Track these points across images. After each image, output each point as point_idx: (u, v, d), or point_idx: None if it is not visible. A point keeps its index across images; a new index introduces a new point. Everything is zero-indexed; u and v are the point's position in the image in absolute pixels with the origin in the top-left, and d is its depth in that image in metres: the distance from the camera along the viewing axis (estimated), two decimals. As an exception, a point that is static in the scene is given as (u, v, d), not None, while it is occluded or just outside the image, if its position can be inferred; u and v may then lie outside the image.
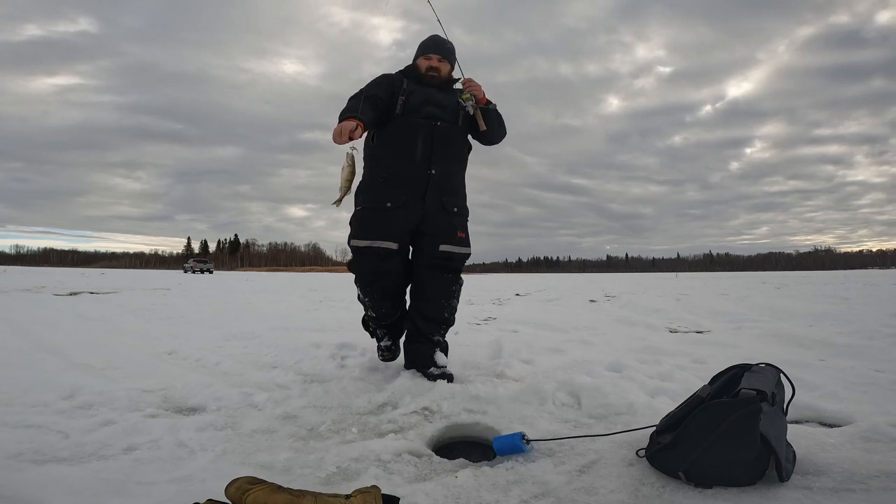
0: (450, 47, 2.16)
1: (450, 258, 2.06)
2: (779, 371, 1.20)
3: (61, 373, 2.05)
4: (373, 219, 1.97)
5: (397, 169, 1.98)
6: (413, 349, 2.08)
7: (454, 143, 2.07)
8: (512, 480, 1.08)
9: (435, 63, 2.11)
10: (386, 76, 2.10)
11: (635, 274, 74.83)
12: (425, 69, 2.10)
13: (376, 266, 1.98)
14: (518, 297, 8.53)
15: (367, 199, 2.00)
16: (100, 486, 1.01)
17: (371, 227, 1.97)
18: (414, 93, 2.04)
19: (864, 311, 4.92)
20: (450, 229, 2.04)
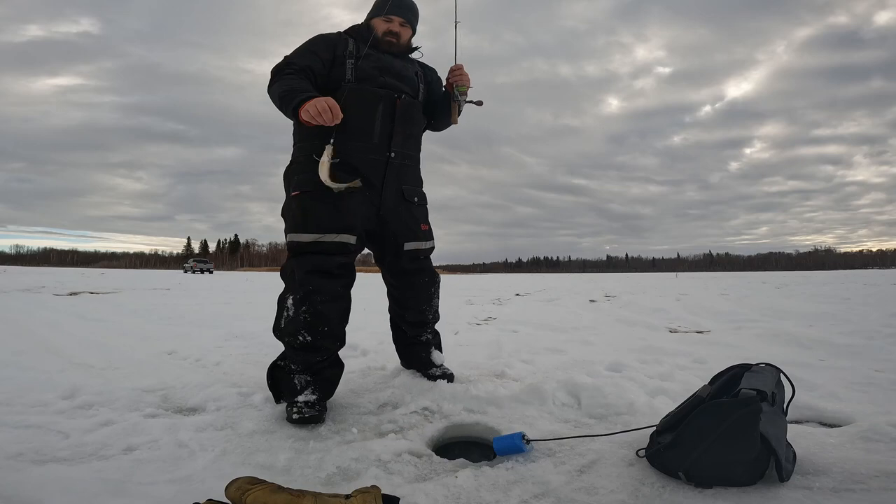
0: (415, 11, 1.85)
1: (416, 257, 1.81)
2: (779, 371, 1.20)
3: (61, 373, 2.05)
4: (320, 205, 1.59)
5: (349, 150, 1.61)
6: (407, 353, 1.95)
7: (417, 122, 1.79)
8: (512, 480, 1.08)
9: (396, 27, 1.77)
10: (322, 37, 1.73)
11: (635, 274, 74.87)
12: (383, 32, 1.76)
13: (328, 263, 1.58)
14: (518, 297, 8.53)
15: (308, 180, 1.59)
16: (99, 487, 1.01)
17: (319, 216, 1.58)
18: (368, 57, 1.69)
19: (864, 311, 4.92)
20: (413, 223, 1.78)
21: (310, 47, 1.69)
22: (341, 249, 1.60)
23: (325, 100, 1.46)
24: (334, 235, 1.58)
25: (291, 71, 1.61)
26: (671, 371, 2.18)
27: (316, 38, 1.72)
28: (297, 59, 1.65)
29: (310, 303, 1.55)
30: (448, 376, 1.83)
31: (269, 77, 1.63)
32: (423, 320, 1.90)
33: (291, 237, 1.61)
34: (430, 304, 1.89)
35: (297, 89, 1.53)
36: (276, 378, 1.63)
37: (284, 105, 1.54)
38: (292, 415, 1.44)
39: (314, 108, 1.45)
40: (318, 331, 1.55)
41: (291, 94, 1.52)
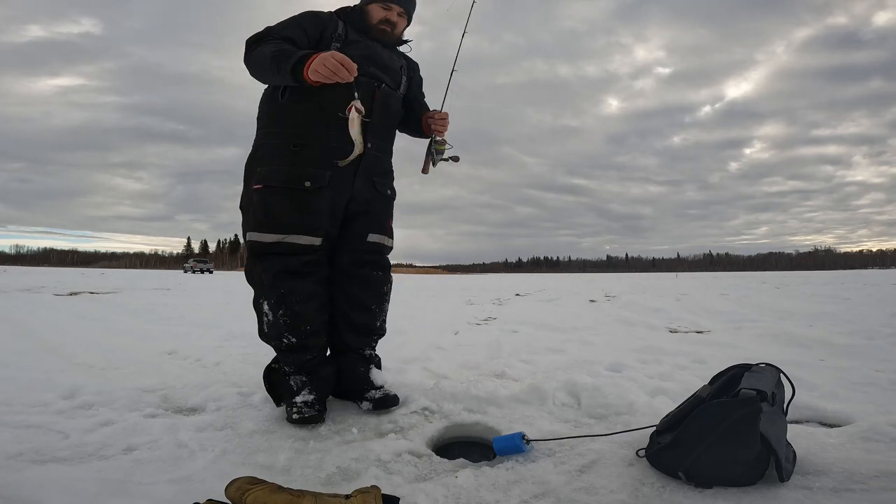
0: (415, 1, 1.76)
1: (379, 251, 1.68)
2: (779, 371, 1.20)
3: (61, 373, 2.05)
4: (285, 202, 1.48)
5: (320, 137, 1.51)
6: (341, 368, 1.66)
7: (394, 114, 1.70)
8: (512, 480, 1.08)
9: (394, 17, 1.67)
10: (313, 13, 1.62)
11: (635, 274, 74.88)
12: (378, 20, 1.66)
13: (295, 263, 1.50)
14: (518, 297, 8.53)
15: (273, 174, 1.50)
16: (99, 487, 1.01)
17: (283, 215, 1.49)
18: (355, 43, 1.60)
19: (864, 311, 4.92)
20: (382, 216, 1.68)
21: (298, 20, 1.57)
22: (305, 251, 1.51)
23: (332, 54, 1.34)
24: (297, 237, 1.49)
25: (272, 39, 1.48)
26: (671, 371, 2.18)
27: (306, 13, 1.60)
28: (281, 29, 1.52)
29: (285, 305, 1.49)
30: (390, 399, 1.56)
31: (246, 46, 1.50)
32: (371, 325, 1.69)
33: (252, 237, 1.52)
34: (380, 306, 1.71)
35: (289, 49, 1.42)
36: (272, 381, 1.61)
37: (278, 65, 1.38)
38: (292, 415, 1.42)
39: (324, 67, 1.32)
40: (301, 331, 1.51)
41: (285, 53, 1.39)
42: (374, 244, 1.66)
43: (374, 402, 1.54)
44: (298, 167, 1.49)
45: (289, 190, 1.48)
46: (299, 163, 1.50)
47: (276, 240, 1.49)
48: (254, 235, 1.52)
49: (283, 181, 1.48)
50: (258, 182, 1.51)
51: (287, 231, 1.48)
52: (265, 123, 1.59)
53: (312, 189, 1.48)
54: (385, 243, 1.70)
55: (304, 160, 1.50)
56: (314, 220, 1.50)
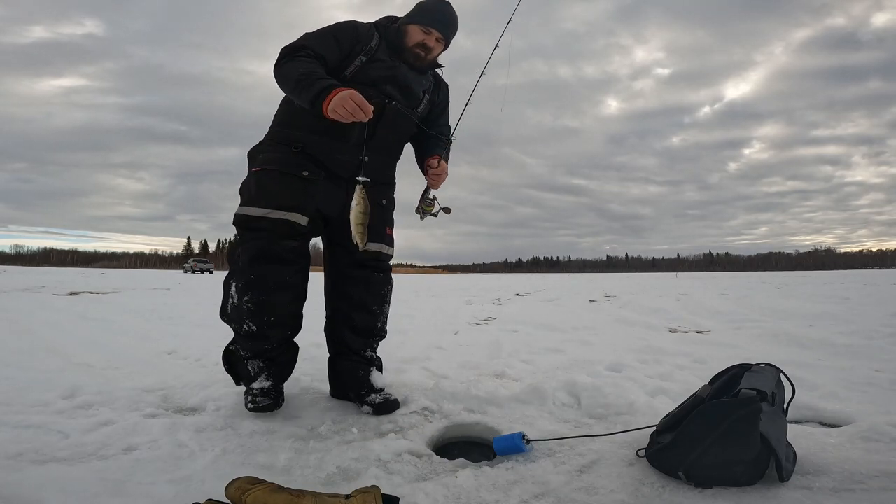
0: (456, 27, 1.71)
1: (377, 258, 1.68)
2: (779, 371, 1.20)
3: (61, 373, 2.05)
4: (279, 182, 1.50)
5: (321, 146, 1.55)
6: (342, 369, 1.67)
7: (401, 133, 1.69)
8: (512, 480, 1.08)
9: (432, 42, 1.64)
10: (352, 26, 1.60)
11: (635, 274, 74.90)
12: (414, 43, 1.62)
13: (277, 248, 1.48)
14: (518, 297, 8.53)
15: (273, 160, 1.54)
16: (99, 487, 1.01)
17: (275, 192, 1.49)
18: (382, 61, 1.59)
19: (864, 311, 4.92)
20: (379, 224, 1.64)
21: (335, 34, 1.56)
22: (289, 231, 1.49)
23: (351, 95, 1.34)
24: (283, 213, 1.48)
25: (305, 55, 1.48)
26: (671, 371, 2.18)
27: (345, 25, 1.59)
28: (316, 44, 1.52)
29: (252, 292, 1.47)
30: (391, 403, 1.56)
31: (279, 56, 1.50)
32: (372, 327, 1.69)
33: (239, 210, 1.52)
34: (381, 308, 1.71)
35: (315, 74, 1.41)
36: (231, 362, 1.61)
37: (301, 90, 1.40)
38: (247, 404, 1.50)
39: (344, 108, 1.34)
40: (262, 321, 1.49)
41: (310, 79, 1.40)
42: (373, 252, 1.66)
43: (375, 407, 1.53)
44: (297, 160, 1.54)
45: (286, 174, 1.51)
46: (299, 158, 1.54)
47: (261, 213, 1.48)
48: (241, 209, 1.52)
49: (281, 166, 1.52)
50: (258, 165, 1.55)
51: (273, 206, 1.48)
52: (277, 121, 1.64)
53: (309, 178, 1.53)
54: (384, 251, 1.70)
55: (304, 159, 1.54)
56: (305, 201, 1.52)
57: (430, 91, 1.74)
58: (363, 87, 1.46)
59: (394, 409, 1.55)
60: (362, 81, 1.54)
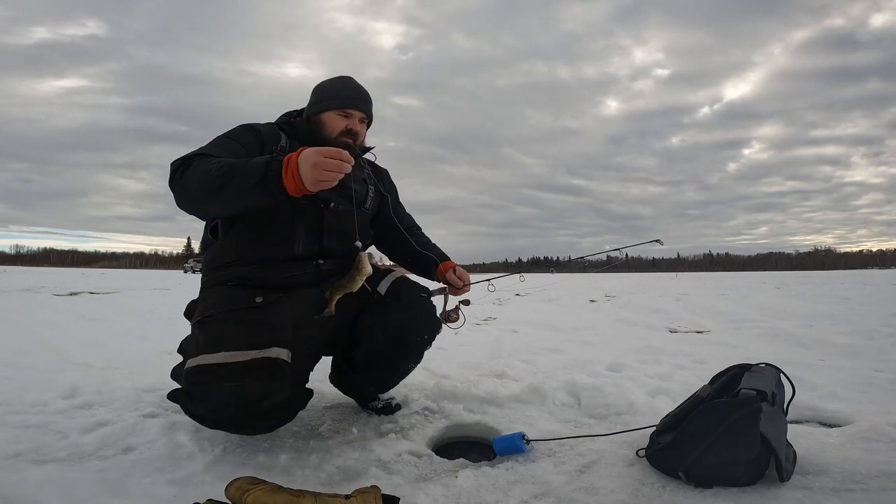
0: (371, 100, 1.49)
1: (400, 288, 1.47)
2: (779, 371, 1.20)
3: (61, 373, 2.05)
4: (232, 321, 1.17)
5: (261, 272, 1.28)
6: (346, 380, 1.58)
7: (357, 236, 1.33)
8: (512, 480, 1.08)
9: (356, 125, 1.42)
10: (248, 127, 1.36)
11: (635, 274, 74.83)
12: (338, 133, 1.39)
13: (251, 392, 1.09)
14: (518, 297, 8.53)
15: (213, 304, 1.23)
16: (99, 487, 1.01)
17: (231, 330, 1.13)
18: None
19: (864, 311, 4.92)
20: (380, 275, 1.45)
21: (233, 137, 1.31)
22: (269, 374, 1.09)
23: (316, 150, 1.03)
24: (256, 352, 1.08)
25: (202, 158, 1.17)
26: (671, 371, 2.18)
27: (242, 128, 1.35)
28: (217, 150, 1.23)
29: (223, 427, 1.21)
30: (393, 408, 1.54)
31: (171, 170, 1.17)
32: (390, 385, 1.57)
33: (191, 363, 1.12)
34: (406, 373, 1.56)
35: (241, 160, 1.12)
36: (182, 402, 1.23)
37: (236, 178, 1.06)
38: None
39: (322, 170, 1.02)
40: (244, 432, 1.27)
41: (239, 164, 1.09)
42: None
43: (377, 411, 1.54)
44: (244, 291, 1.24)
45: (235, 311, 1.18)
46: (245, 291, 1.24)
47: (224, 360, 1.07)
48: (194, 361, 1.11)
49: (227, 304, 1.20)
50: (197, 316, 1.23)
51: (239, 346, 1.08)
52: (204, 272, 1.38)
53: (266, 303, 1.20)
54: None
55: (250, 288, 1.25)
56: (279, 329, 1.15)
57: (371, 180, 1.54)
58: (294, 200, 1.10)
59: (395, 411, 1.54)
60: None
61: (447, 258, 1.66)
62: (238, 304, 1.20)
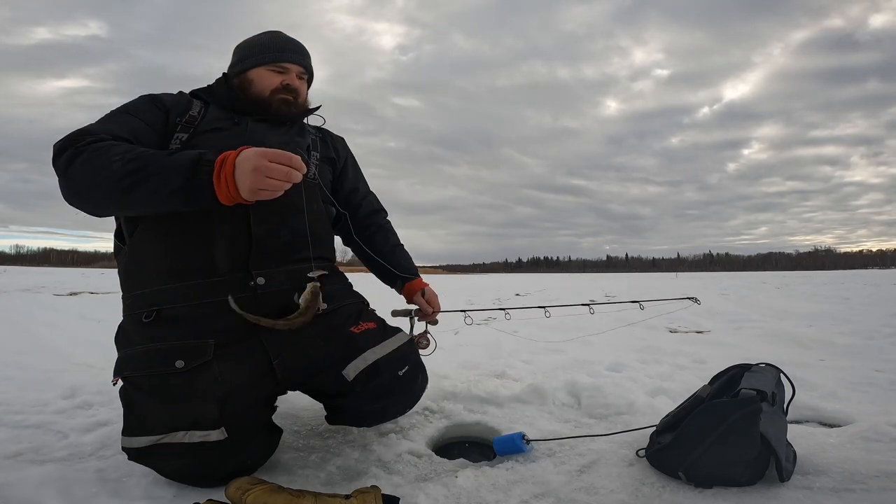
0: (309, 54, 1.28)
1: (376, 372, 1.11)
2: (779, 371, 1.20)
3: (61, 373, 2.05)
4: (148, 396, 0.99)
5: (177, 296, 1.02)
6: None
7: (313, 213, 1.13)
8: (512, 480, 1.08)
9: (294, 81, 1.21)
10: (149, 97, 1.12)
11: (635, 274, 74.85)
12: (273, 90, 1.18)
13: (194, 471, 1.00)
14: (518, 297, 8.52)
15: (129, 359, 1.04)
16: (98, 487, 1.01)
17: (156, 407, 0.98)
18: (218, 130, 1.10)
19: (864, 310, 4.92)
20: (343, 343, 1.12)
21: (129, 109, 1.07)
22: (201, 455, 0.97)
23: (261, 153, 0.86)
24: (183, 434, 0.96)
25: (92, 140, 0.94)
26: (671, 371, 2.18)
27: (140, 99, 1.11)
28: (110, 126, 1.01)
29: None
30: None
31: (54, 153, 0.95)
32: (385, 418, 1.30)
33: (125, 443, 1.00)
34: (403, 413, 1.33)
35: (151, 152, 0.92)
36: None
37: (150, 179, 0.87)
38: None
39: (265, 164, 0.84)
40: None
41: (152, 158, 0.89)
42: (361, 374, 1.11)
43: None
44: (159, 345, 1.00)
45: (155, 377, 0.99)
46: (158, 338, 1.00)
47: (149, 443, 0.97)
48: (125, 442, 1.00)
49: (144, 367, 1.00)
50: (115, 373, 1.05)
51: (162, 430, 0.96)
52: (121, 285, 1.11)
53: (188, 370, 0.97)
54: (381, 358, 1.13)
55: (164, 332, 1.01)
56: (197, 412, 0.97)
57: (317, 148, 1.27)
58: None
59: None
60: None
61: (416, 274, 1.45)
62: (156, 366, 0.98)
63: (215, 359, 0.99)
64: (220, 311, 1.00)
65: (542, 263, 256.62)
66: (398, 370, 1.14)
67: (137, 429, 0.99)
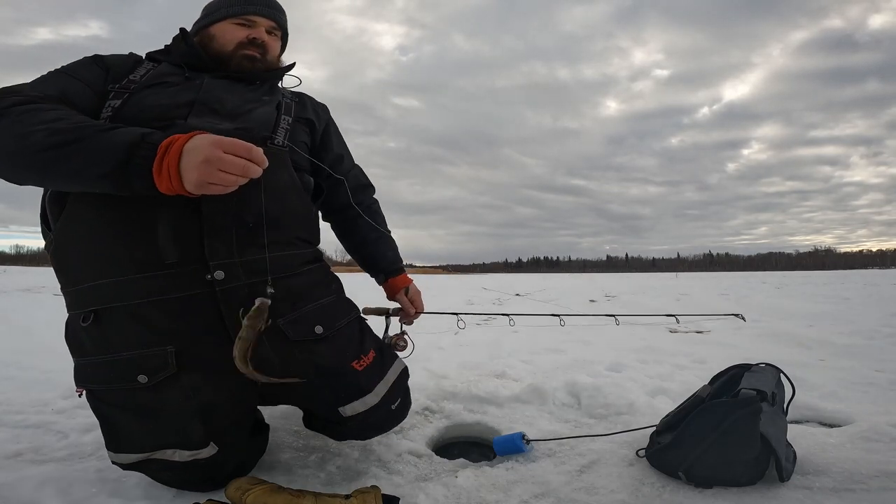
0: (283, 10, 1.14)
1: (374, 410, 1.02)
2: (779, 371, 1.20)
3: (61, 373, 2.05)
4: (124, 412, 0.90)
5: (108, 291, 0.87)
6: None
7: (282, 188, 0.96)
8: (512, 480, 1.08)
9: (261, 35, 1.07)
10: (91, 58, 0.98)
11: (635, 274, 74.90)
12: (237, 45, 1.05)
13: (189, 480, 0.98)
14: (518, 297, 8.52)
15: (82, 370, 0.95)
16: (98, 487, 1.01)
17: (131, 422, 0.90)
18: (166, 84, 0.95)
19: (864, 311, 4.92)
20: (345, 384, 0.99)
21: (67, 70, 0.94)
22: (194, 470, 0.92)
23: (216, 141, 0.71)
24: (171, 452, 0.90)
25: (18, 101, 0.79)
26: (671, 371, 2.18)
27: (79, 60, 0.98)
28: (40, 88, 0.87)
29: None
30: None
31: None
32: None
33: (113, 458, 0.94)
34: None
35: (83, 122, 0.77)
36: None
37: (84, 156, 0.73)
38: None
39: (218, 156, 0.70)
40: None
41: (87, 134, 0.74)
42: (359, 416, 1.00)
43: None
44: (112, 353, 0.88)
45: (120, 393, 0.88)
46: (110, 345, 0.88)
47: (137, 459, 0.91)
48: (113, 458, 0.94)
49: (107, 382, 0.89)
50: (77, 383, 0.96)
51: (148, 448, 0.90)
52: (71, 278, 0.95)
53: (154, 385, 0.86)
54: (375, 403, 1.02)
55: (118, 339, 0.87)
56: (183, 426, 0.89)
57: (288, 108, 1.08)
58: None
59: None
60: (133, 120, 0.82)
61: (401, 269, 1.31)
62: (117, 381, 0.88)
63: (181, 370, 0.86)
64: (174, 312, 0.86)
65: (542, 263, 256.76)
66: (392, 404, 1.08)
67: (122, 445, 0.91)
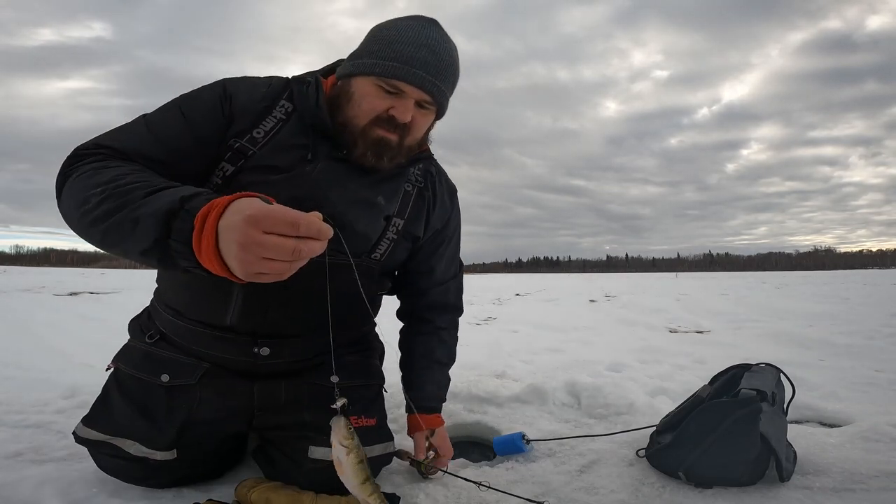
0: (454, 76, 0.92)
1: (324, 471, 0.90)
2: (779, 371, 1.20)
3: (61, 373, 2.05)
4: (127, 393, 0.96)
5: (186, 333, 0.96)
6: None
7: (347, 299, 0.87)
8: (512, 480, 1.08)
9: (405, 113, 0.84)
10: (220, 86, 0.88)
11: (635, 274, 74.91)
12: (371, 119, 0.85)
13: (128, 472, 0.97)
14: (518, 297, 8.53)
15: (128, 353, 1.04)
16: (98, 487, 1.01)
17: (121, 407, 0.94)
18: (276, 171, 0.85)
19: (864, 311, 4.92)
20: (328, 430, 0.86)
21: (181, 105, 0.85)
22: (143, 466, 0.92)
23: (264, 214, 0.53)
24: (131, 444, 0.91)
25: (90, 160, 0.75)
26: (671, 371, 2.18)
27: (200, 90, 0.87)
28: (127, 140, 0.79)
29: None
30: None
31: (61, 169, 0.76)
32: None
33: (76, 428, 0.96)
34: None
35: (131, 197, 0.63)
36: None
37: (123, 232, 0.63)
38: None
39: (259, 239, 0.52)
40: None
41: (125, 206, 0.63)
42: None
43: None
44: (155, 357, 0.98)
45: (137, 381, 0.97)
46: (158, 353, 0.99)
47: (100, 439, 0.93)
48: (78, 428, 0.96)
49: (135, 366, 0.98)
50: (114, 359, 1.05)
51: (115, 432, 0.92)
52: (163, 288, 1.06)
53: (170, 387, 0.93)
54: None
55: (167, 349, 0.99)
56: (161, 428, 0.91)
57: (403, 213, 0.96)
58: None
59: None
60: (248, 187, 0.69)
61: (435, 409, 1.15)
62: (145, 372, 0.96)
63: (199, 385, 0.94)
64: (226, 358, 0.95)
65: (542, 263, 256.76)
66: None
67: (97, 423, 0.94)
